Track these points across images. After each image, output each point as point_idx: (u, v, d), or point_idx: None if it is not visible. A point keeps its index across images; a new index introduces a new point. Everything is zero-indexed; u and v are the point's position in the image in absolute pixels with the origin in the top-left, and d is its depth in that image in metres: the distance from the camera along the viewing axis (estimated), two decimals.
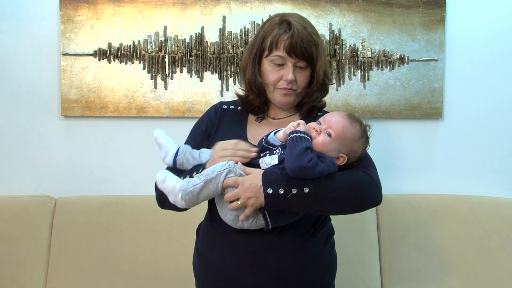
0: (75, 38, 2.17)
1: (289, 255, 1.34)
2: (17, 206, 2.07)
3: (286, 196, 1.24)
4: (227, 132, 1.49)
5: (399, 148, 2.26)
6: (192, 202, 1.30)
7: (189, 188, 1.29)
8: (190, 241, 1.81)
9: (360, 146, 1.35)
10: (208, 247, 1.43)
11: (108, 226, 2.05)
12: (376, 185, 1.34)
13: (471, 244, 2.04)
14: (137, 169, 2.22)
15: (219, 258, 1.38)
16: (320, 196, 1.25)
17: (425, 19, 2.21)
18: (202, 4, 2.19)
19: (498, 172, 2.27)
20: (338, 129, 1.31)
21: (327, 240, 1.44)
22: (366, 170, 1.34)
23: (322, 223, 1.43)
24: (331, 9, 2.21)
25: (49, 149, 2.21)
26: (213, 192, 1.30)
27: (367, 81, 2.22)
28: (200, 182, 1.28)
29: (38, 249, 2.03)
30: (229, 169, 1.29)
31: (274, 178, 1.26)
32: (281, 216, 1.29)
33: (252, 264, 1.34)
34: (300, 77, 1.43)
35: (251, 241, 1.33)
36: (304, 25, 1.41)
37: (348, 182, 1.29)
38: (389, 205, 2.10)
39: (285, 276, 1.34)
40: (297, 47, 1.38)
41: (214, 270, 1.40)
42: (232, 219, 1.31)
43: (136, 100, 2.19)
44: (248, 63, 1.48)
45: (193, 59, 2.20)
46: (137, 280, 2.00)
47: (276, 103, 1.48)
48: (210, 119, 1.55)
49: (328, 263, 1.45)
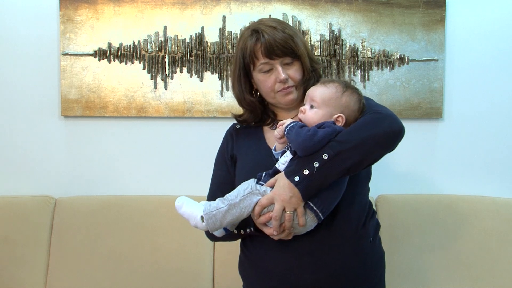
0: (75, 38, 2.17)
1: (345, 250, 1.35)
2: (17, 206, 2.07)
3: (313, 173, 1.24)
4: (247, 150, 1.50)
5: (399, 148, 2.24)
6: (215, 226, 1.30)
7: (212, 211, 1.28)
8: (190, 241, 1.82)
9: (349, 99, 1.34)
10: (264, 254, 1.41)
11: (108, 226, 2.05)
12: (388, 116, 1.33)
13: (471, 244, 2.04)
14: (137, 169, 2.22)
15: (276, 262, 1.37)
16: (342, 152, 1.24)
17: (425, 19, 2.21)
18: (202, 4, 2.19)
19: (498, 172, 2.26)
20: (317, 97, 1.34)
21: (375, 233, 1.45)
22: (374, 112, 1.34)
23: (369, 214, 1.44)
24: (331, 9, 2.21)
25: (49, 149, 2.21)
26: (236, 217, 1.29)
27: (367, 81, 2.22)
28: (223, 207, 1.28)
29: (38, 249, 2.03)
30: (251, 192, 1.29)
31: (294, 167, 1.27)
32: (326, 200, 1.28)
33: (311, 264, 1.33)
34: (291, 72, 1.43)
35: (308, 241, 1.33)
36: (273, 25, 1.42)
37: (358, 127, 1.29)
38: (389, 205, 2.10)
39: (344, 272, 1.34)
40: (273, 47, 1.39)
41: (271, 274, 1.38)
42: (294, 231, 1.31)
43: (136, 100, 2.19)
44: (234, 84, 1.51)
45: (193, 59, 2.20)
46: (137, 280, 2.00)
47: (282, 106, 1.48)
48: (227, 144, 1.57)
49: (379, 257, 1.46)
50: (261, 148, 1.47)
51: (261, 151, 1.46)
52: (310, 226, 1.30)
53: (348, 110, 1.34)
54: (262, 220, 1.30)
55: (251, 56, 1.42)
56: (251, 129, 1.55)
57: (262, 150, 1.46)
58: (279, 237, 1.31)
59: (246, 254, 1.48)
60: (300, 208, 1.27)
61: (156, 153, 2.23)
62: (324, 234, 1.34)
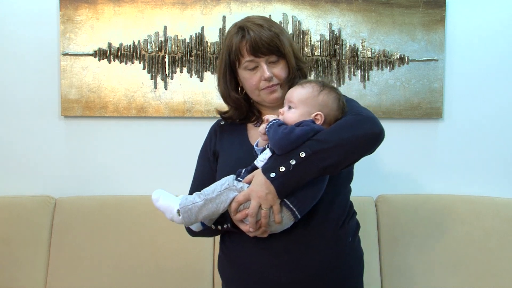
0: (75, 38, 2.17)
1: (323, 250, 1.34)
2: (17, 206, 2.07)
3: (289, 170, 1.24)
4: (230, 146, 1.50)
5: (399, 148, 2.26)
6: (190, 220, 1.30)
7: (188, 205, 1.29)
8: (190, 241, 1.82)
9: (326, 98, 1.34)
10: (241, 251, 1.41)
11: (108, 226, 2.05)
12: (369, 118, 1.31)
13: (471, 244, 2.04)
14: (137, 169, 2.22)
15: (254, 260, 1.37)
16: (319, 152, 1.24)
17: (425, 19, 2.21)
18: (202, 4, 2.19)
19: (498, 172, 2.27)
20: (294, 97, 1.35)
21: (355, 233, 1.45)
22: (355, 113, 1.33)
23: (349, 215, 1.43)
24: (331, 9, 2.21)
25: (49, 149, 2.21)
26: (212, 212, 1.29)
27: (367, 81, 2.22)
28: (199, 201, 1.28)
29: (38, 249, 2.03)
30: (228, 188, 1.29)
31: (271, 163, 1.27)
32: (303, 199, 1.28)
33: (289, 263, 1.33)
34: (277, 71, 1.43)
35: (285, 239, 1.33)
36: (260, 22, 1.42)
37: (338, 128, 1.28)
38: (389, 205, 2.10)
39: (322, 272, 1.34)
40: (258, 45, 1.39)
41: (249, 272, 1.38)
42: (271, 229, 1.30)
43: (136, 100, 2.19)
44: (220, 80, 1.51)
45: (193, 59, 2.20)
46: (137, 280, 2.00)
47: (267, 104, 1.48)
48: (211, 141, 1.57)
49: (358, 257, 1.46)
50: (243, 146, 1.46)
51: (244, 148, 1.45)
52: (287, 225, 1.30)
53: (327, 108, 1.34)
54: (238, 216, 1.30)
55: (237, 53, 1.42)
56: (235, 126, 1.55)
57: (244, 147, 1.45)
58: (255, 234, 1.31)
59: (224, 251, 1.48)
60: (276, 205, 1.27)
61: (156, 153, 2.23)
62: (301, 233, 1.33)
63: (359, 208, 2.08)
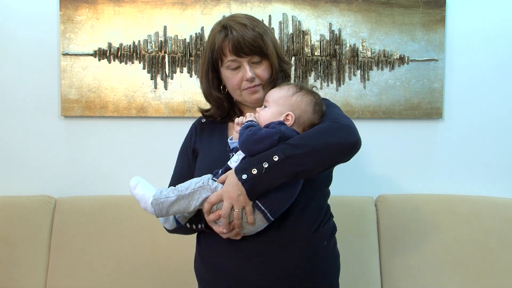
0: (75, 38, 2.17)
1: (296, 253, 1.33)
2: (17, 206, 2.07)
3: (261, 173, 1.23)
4: (209, 145, 1.50)
5: (399, 148, 2.26)
6: (161, 213, 1.30)
7: (161, 198, 1.29)
8: (190, 241, 1.81)
9: (300, 99, 1.34)
10: (213, 251, 1.41)
11: (108, 226, 2.05)
12: (346, 127, 1.30)
13: (471, 244, 2.04)
14: (137, 169, 2.22)
15: (226, 262, 1.37)
16: (293, 157, 1.23)
17: (425, 19, 2.21)
18: (202, 4, 2.19)
19: (498, 172, 2.27)
20: (270, 97, 1.37)
21: (330, 236, 1.44)
22: (332, 120, 1.32)
23: (325, 219, 1.42)
24: (331, 9, 2.21)
25: (49, 149, 2.21)
26: (183, 208, 1.30)
27: (367, 81, 2.22)
28: (172, 196, 1.28)
29: (38, 249, 2.03)
30: (202, 187, 1.29)
31: (244, 164, 1.26)
32: (275, 201, 1.28)
33: (260, 264, 1.33)
34: (259, 71, 1.42)
35: (257, 241, 1.32)
36: (244, 22, 1.40)
37: (313, 134, 1.28)
38: (389, 205, 2.10)
39: (293, 274, 1.33)
40: (241, 45, 1.37)
41: (221, 273, 1.38)
42: (245, 231, 1.30)
43: (136, 100, 2.19)
44: (202, 78, 1.50)
45: (193, 59, 2.20)
46: (137, 280, 2.00)
47: (248, 104, 1.48)
48: (191, 138, 1.57)
49: (333, 260, 1.45)
50: (222, 145, 1.45)
51: (222, 148, 1.44)
52: (260, 226, 1.29)
53: (299, 110, 1.34)
54: (212, 217, 1.30)
55: (219, 52, 1.41)
56: (216, 125, 1.55)
57: (223, 146, 1.44)
58: (229, 235, 1.30)
59: (199, 251, 1.48)
60: (248, 206, 1.26)
61: (156, 153, 2.23)
62: (274, 236, 1.32)
63: (359, 208, 2.10)
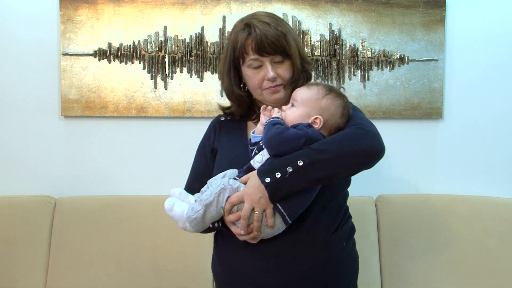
0: (75, 38, 2.17)
1: (313, 255, 1.32)
2: (17, 206, 2.07)
3: (285, 177, 1.22)
4: (228, 143, 1.49)
5: (399, 148, 2.26)
6: (199, 227, 1.31)
7: (192, 215, 1.29)
8: (190, 241, 1.81)
9: (329, 102, 1.33)
10: (230, 252, 1.40)
11: (108, 226, 2.05)
12: (370, 134, 1.29)
13: (471, 244, 2.04)
14: (137, 169, 2.22)
15: (242, 263, 1.36)
16: (317, 162, 1.22)
17: (425, 19, 2.21)
18: (202, 4, 2.19)
19: (498, 172, 2.26)
20: (298, 96, 1.34)
21: (349, 237, 1.43)
22: (358, 126, 1.31)
23: (343, 220, 1.41)
24: (331, 9, 2.21)
25: (49, 149, 2.21)
26: (215, 214, 1.29)
27: (367, 81, 2.22)
28: (201, 209, 1.28)
29: (38, 249, 2.03)
30: (224, 188, 1.28)
31: (267, 167, 1.26)
32: (294, 204, 1.27)
33: (277, 266, 1.32)
34: (281, 71, 1.41)
35: (275, 243, 1.31)
36: (267, 20, 1.39)
37: (338, 140, 1.26)
38: (389, 205, 2.10)
39: (310, 277, 1.32)
40: (264, 44, 1.36)
41: (237, 275, 1.37)
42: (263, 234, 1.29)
43: (136, 100, 2.19)
44: (223, 76, 1.49)
45: (193, 59, 2.20)
46: (137, 280, 2.00)
47: (268, 103, 1.46)
48: (210, 137, 1.56)
49: (351, 261, 1.44)
50: (242, 144, 1.44)
51: (242, 146, 1.43)
52: (278, 230, 1.29)
53: (328, 113, 1.32)
54: (231, 218, 1.29)
55: (241, 50, 1.40)
56: (235, 123, 1.54)
57: (242, 145, 1.43)
58: (246, 238, 1.29)
59: (216, 251, 1.48)
60: (269, 209, 1.25)
61: (156, 153, 2.23)
62: (291, 238, 1.31)
63: (359, 208, 2.10)
